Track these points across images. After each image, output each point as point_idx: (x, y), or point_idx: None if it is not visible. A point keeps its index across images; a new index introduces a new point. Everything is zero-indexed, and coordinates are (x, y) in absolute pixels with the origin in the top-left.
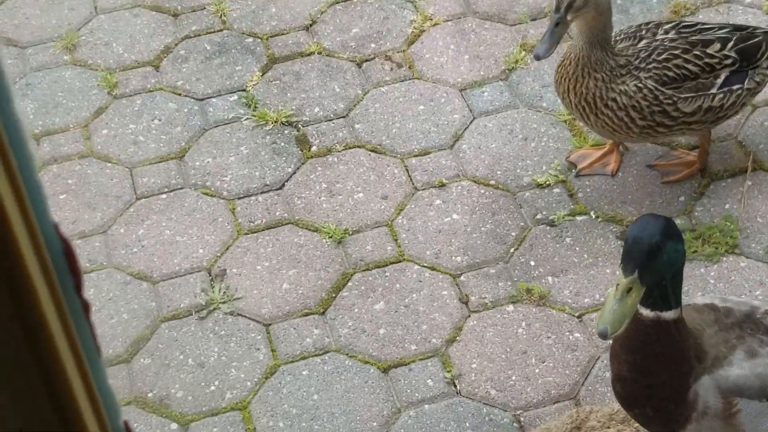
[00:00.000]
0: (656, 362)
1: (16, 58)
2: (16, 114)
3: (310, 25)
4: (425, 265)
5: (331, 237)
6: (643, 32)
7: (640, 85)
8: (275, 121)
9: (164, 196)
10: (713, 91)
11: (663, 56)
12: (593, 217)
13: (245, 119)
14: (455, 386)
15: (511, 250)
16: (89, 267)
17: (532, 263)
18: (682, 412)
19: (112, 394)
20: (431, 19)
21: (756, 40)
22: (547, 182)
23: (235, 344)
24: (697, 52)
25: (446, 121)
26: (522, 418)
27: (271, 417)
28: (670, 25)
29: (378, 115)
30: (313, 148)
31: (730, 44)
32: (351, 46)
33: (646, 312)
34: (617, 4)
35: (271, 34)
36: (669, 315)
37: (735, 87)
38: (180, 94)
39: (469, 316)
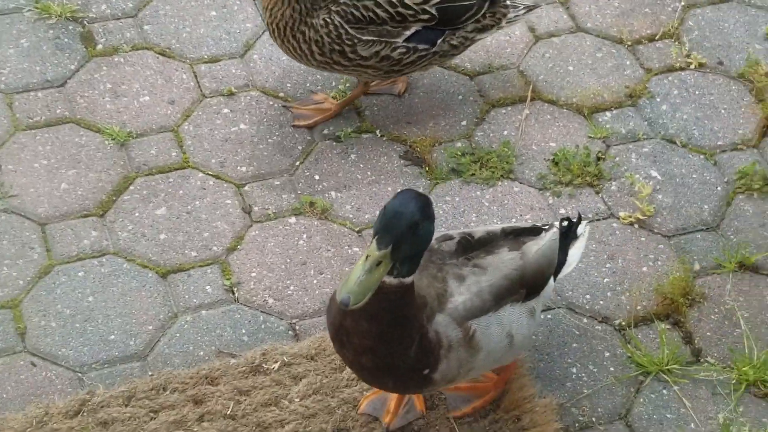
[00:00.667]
0: (400, 322)
1: None
2: None
3: None
4: (210, 173)
5: (114, 139)
6: None
7: (328, 20)
8: (59, 15)
9: None
10: (398, 40)
11: None
12: (378, 135)
13: (26, 11)
14: (233, 293)
15: (297, 163)
16: None
17: (317, 177)
18: (431, 355)
19: None
20: None
21: (466, 3)
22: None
23: (8, 242)
24: (394, 0)
25: (238, 30)
26: (297, 327)
27: (44, 317)
28: None
29: (168, 18)
30: (99, 47)
31: (434, 1)
32: None
33: (389, 279)
34: None
35: None
36: (409, 279)
37: (421, 47)
38: None
39: (252, 225)
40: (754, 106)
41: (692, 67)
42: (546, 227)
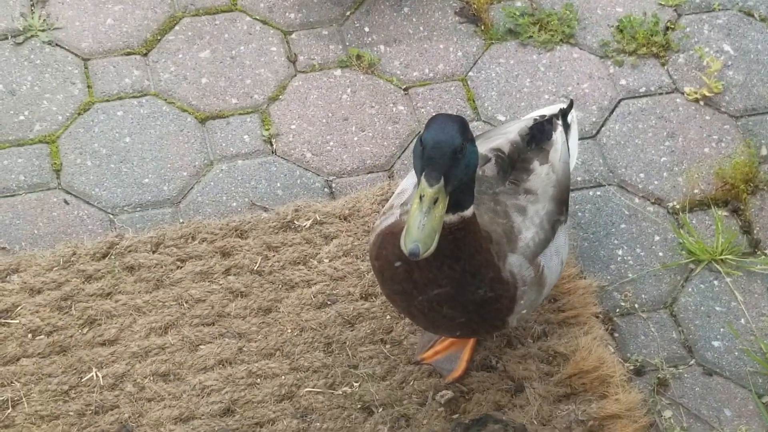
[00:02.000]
0: (472, 262)
1: None
2: None
3: None
4: (257, 17)
5: None
6: None
7: None
8: None
9: None
10: None
11: None
12: None
13: None
14: (271, 145)
15: (347, 12)
16: None
17: (367, 29)
18: (506, 297)
19: None
20: None
21: None
22: None
23: (51, 75)
24: None
25: None
26: (333, 185)
27: (80, 154)
28: None
29: None
30: None
31: None
32: None
33: (449, 217)
34: None
35: None
36: (469, 212)
37: None
38: None
39: (296, 75)
40: None
41: None
42: (545, 119)
